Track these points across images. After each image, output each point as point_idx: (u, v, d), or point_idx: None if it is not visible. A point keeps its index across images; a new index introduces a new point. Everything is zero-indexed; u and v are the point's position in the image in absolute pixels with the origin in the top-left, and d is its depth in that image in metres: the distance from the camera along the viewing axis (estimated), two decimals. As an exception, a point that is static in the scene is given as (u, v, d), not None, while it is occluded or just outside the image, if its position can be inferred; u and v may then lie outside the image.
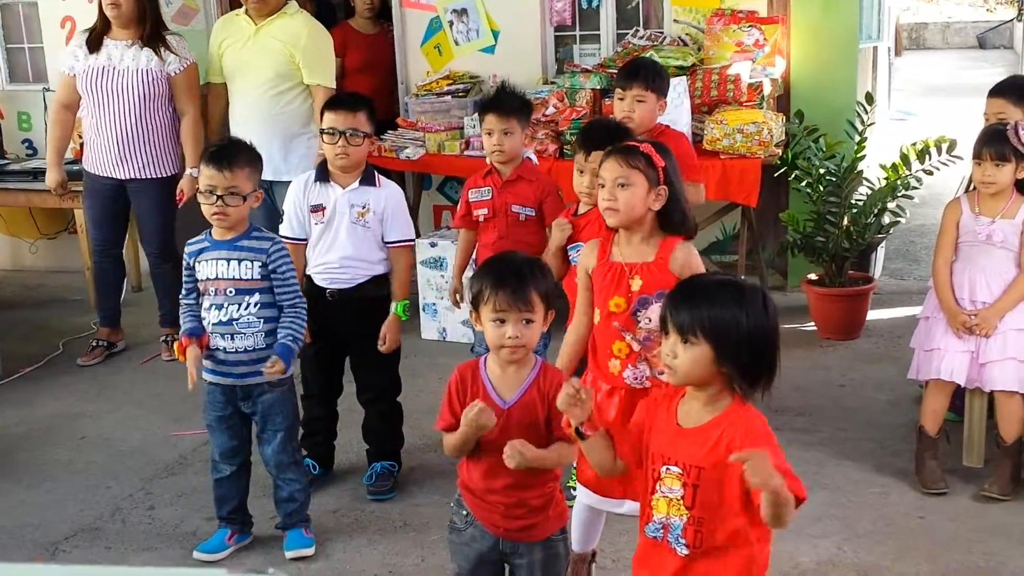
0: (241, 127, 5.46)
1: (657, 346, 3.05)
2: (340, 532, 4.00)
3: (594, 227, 3.57)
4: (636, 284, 3.13)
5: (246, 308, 3.66)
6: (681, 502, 2.38)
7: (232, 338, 3.66)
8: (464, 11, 6.62)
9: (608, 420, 3.11)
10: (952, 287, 4.08)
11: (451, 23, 6.66)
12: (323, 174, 4.12)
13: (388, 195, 4.14)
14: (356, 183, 4.09)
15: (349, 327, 4.16)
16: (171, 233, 5.61)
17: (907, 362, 4.33)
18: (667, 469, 2.41)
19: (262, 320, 3.67)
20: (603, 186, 3.11)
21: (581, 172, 3.75)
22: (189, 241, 3.77)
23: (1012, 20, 19.41)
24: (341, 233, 4.08)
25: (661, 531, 2.43)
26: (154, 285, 5.89)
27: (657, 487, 2.42)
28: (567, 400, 2.48)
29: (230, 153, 3.66)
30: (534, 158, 4.52)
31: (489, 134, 4.25)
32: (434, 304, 5.93)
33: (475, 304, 2.74)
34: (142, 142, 5.47)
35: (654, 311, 3.07)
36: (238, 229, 3.68)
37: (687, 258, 3.12)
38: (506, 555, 2.85)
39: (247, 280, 3.65)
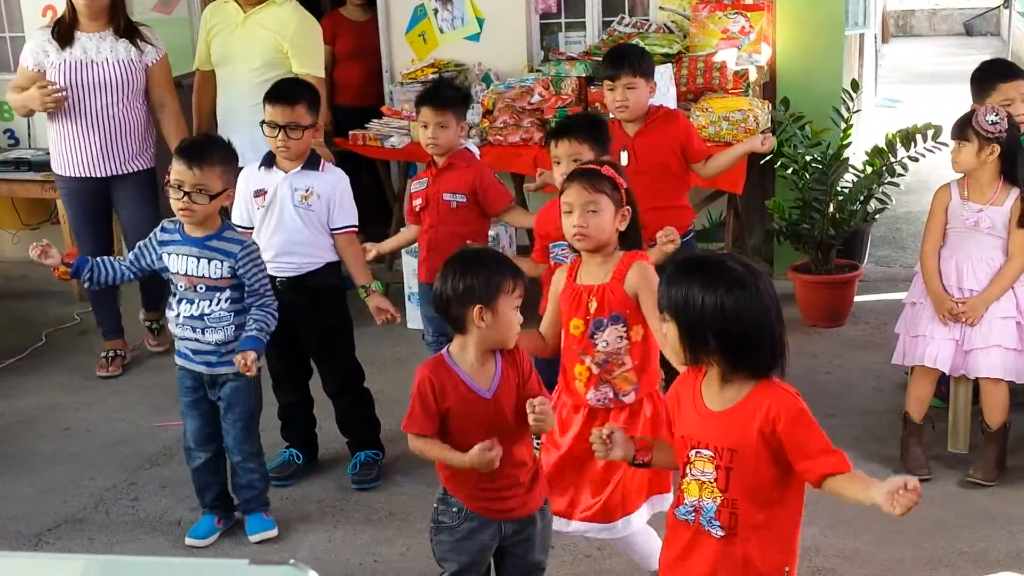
0: (228, 115, 5.42)
1: (617, 368, 3.12)
2: (325, 522, 3.99)
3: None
4: (593, 306, 3.14)
5: (217, 304, 3.69)
6: (714, 485, 2.39)
7: (203, 332, 3.70)
8: (449, -1, 6.59)
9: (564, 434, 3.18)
10: (939, 274, 4.08)
11: (436, 11, 6.63)
12: (268, 160, 4.14)
13: (336, 180, 4.15)
14: (299, 167, 4.09)
15: (300, 316, 4.10)
16: (155, 227, 5.51)
17: (892, 349, 4.34)
18: (697, 452, 2.41)
19: (233, 313, 3.71)
20: (569, 212, 3.11)
21: (558, 163, 3.75)
22: (164, 224, 3.76)
23: (998, 7, 19.42)
24: (284, 217, 4.07)
25: (693, 514, 2.44)
26: (140, 282, 5.77)
27: (687, 471, 2.43)
28: (601, 450, 2.59)
29: (202, 150, 3.64)
30: (475, 150, 4.52)
31: (425, 127, 4.25)
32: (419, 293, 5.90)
33: (487, 299, 2.72)
34: (123, 135, 5.32)
35: (610, 334, 3.11)
36: (208, 227, 3.67)
37: (641, 277, 3.10)
38: (507, 537, 2.88)
39: (217, 279, 3.67)
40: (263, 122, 4.07)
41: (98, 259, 3.83)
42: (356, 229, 4.23)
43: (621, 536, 3.25)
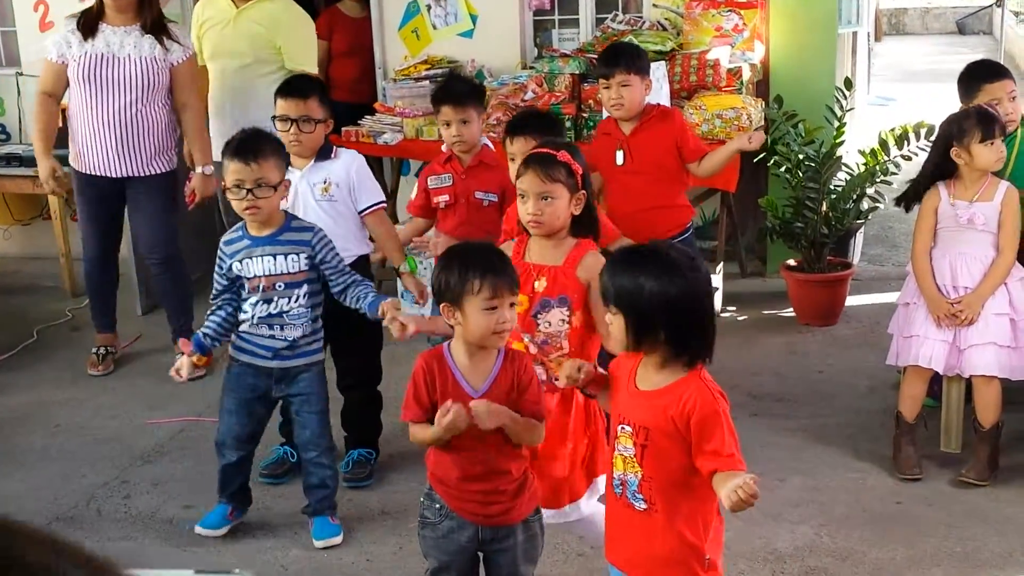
0: (219, 111, 5.39)
1: (554, 351, 3.12)
2: (317, 520, 3.98)
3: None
4: (540, 286, 3.12)
5: (296, 300, 3.65)
6: (634, 459, 2.49)
7: (282, 328, 3.66)
8: (442, -5, 6.57)
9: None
10: (933, 274, 4.08)
11: (429, 7, 6.61)
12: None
13: (347, 163, 4.10)
14: (312, 162, 4.06)
15: (328, 312, 4.05)
16: (175, 239, 5.29)
17: (885, 348, 4.34)
18: (622, 428, 2.52)
19: (310, 308, 3.69)
20: (524, 198, 3.09)
21: (512, 159, 3.77)
22: (225, 239, 3.69)
23: (991, 6, 19.45)
24: (308, 215, 4.00)
25: (620, 487, 2.54)
26: (161, 298, 5.59)
27: (616, 445, 2.53)
28: (566, 382, 2.68)
29: (255, 144, 3.57)
30: (491, 145, 4.50)
31: (447, 125, 4.20)
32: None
33: (453, 297, 2.68)
34: (143, 136, 5.09)
35: (554, 315, 3.10)
36: (275, 222, 3.62)
37: (595, 265, 3.05)
38: (485, 543, 2.84)
39: (295, 273, 3.62)
40: (275, 117, 4.03)
41: (202, 331, 3.69)
42: (383, 205, 4.18)
43: (572, 520, 3.23)
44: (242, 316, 3.69)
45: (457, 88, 4.29)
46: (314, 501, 3.82)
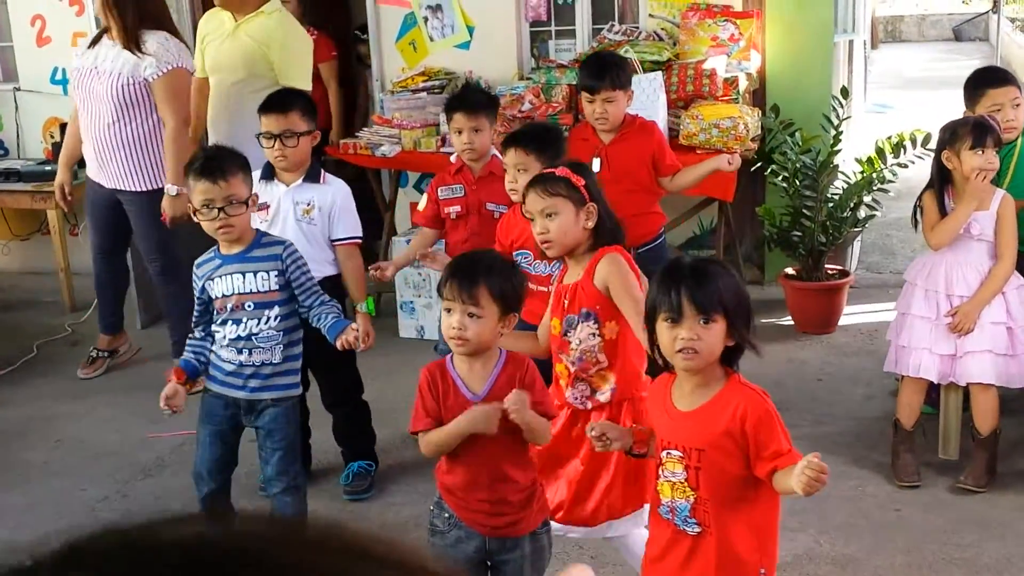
0: (213, 125, 5.40)
1: (592, 366, 3.11)
2: (318, 532, 3.98)
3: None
4: (566, 304, 3.13)
5: (266, 322, 3.53)
6: (685, 484, 2.44)
7: (250, 352, 3.53)
8: (439, 7, 6.59)
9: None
10: (927, 280, 4.10)
11: (426, 19, 6.63)
12: (268, 172, 4.08)
13: (335, 191, 4.08)
14: (300, 180, 4.04)
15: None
16: (171, 249, 5.26)
17: (883, 355, 4.35)
18: (667, 454, 2.46)
19: (282, 333, 3.55)
20: (532, 220, 3.10)
21: (505, 171, 3.80)
22: (197, 262, 3.62)
23: (987, 12, 19.50)
24: (287, 232, 4.00)
25: (669, 514, 2.50)
26: (163, 309, 5.61)
27: (660, 472, 2.48)
28: (599, 446, 2.65)
29: (220, 162, 3.51)
30: (499, 155, 4.50)
31: (459, 133, 4.21)
32: (411, 302, 5.92)
33: (440, 293, 2.77)
34: (117, 153, 5.14)
35: (582, 331, 3.10)
36: (246, 239, 3.54)
37: (610, 269, 3.06)
38: (492, 553, 2.85)
39: (265, 292, 3.52)
40: (259, 134, 4.03)
41: (189, 355, 3.62)
42: (359, 241, 4.18)
43: (606, 537, 3.25)
44: (216, 337, 3.59)
45: (471, 97, 4.33)
46: None
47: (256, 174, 4.11)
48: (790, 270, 5.80)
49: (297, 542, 0.66)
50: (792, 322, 5.75)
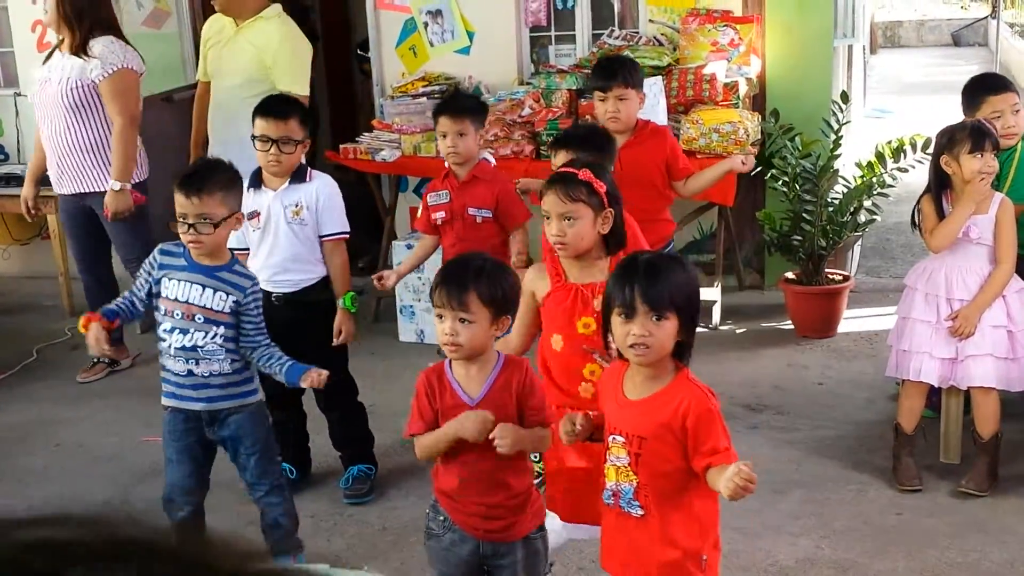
0: (212, 129, 5.43)
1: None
2: (318, 537, 3.98)
3: None
4: (599, 303, 3.07)
5: (212, 337, 3.46)
6: (629, 469, 2.52)
7: (197, 362, 3.47)
8: (439, 12, 6.60)
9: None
10: (928, 284, 4.10)
11: (426, 24, 6.63)
12: (256, 180, 4.04)
13: (319, 187, 4.06)
14: (286, 183, 4.02)
15: (295, 332, 4.01)
16: (145, 246, 5.14)
17: (884, 360, 4.35)
18: (613, 439, 2.55)
19: (225, 350, 3.49)
20: (548, 219, 3.05)
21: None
22: (163, 248, 3.55)
23: (986, 17, 19.53)
24: (280, 236, 4.01)
25: (612, 498, 2.57)
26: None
27: (607, 456, 2.56)
28: (568, 439, 2.65)
29: (200, 178, 3.43)
30: (491, 159, 4.50)
31: (444, 136, 4.20)
32: (411, 306, 5.91)
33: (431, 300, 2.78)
34: (74, 155, 5.26)
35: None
36: (218, 257, 3.48)
37: None
38: (486, 558, 2.84)
39: (218, 312, 3.46)
40: (254, 137, 4.00)
41: (117, 304, 3.55)
42: (345, 236, 4.15)
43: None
44: (160, 344, 3.52)
45: (457, 101, 4.34)
46: (272, 544, 3.62)
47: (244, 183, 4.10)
48: (790, 274, 5.80)
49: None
50: (792, 326, 5.74)
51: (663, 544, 2.52)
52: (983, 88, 4.44)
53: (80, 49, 5.19)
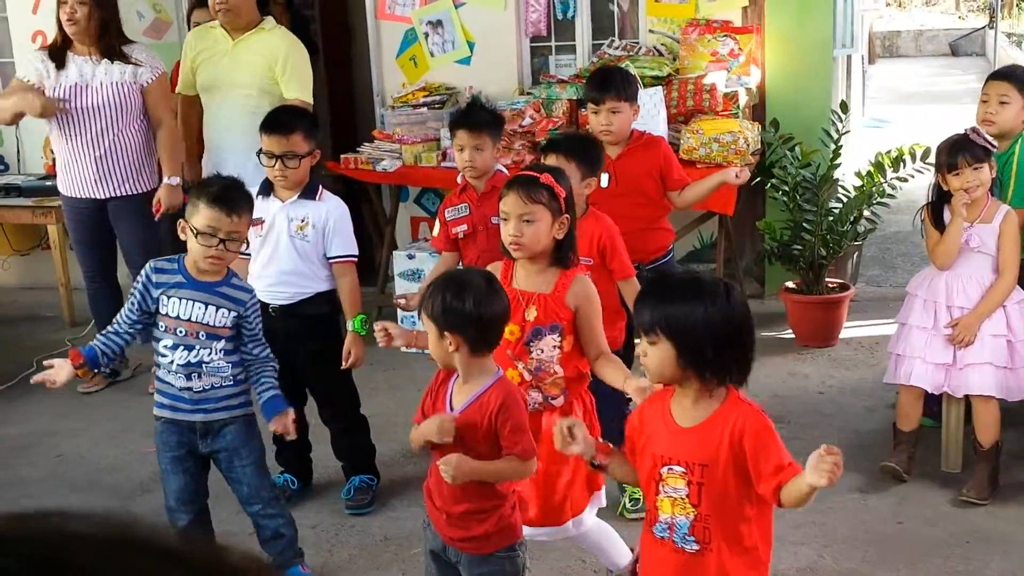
0: (219, 142, 5.41)
1: (548, 376, 3.13)
2: (320, 547, 3.98)
3: (584, 237, 3.56)
4: (531, 314, 3.11)
5: (215, 352, 3.47)
6: (686, 500, 2.42)
7: (200, 377, 3.47)
8: (439, 23, 6.62)
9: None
10: (928, 291, 4.12)
11: (426, 35, 6.65)
12: (266, 188, 4.06)
13: (330, 209, 4.06)
14: (295, 196, 4.03)
15: (294, 344, 4.03)
16: (157, 251, 5.22)
17: (884, 368, 4.36)
18: (668, 469, 2.44)
19: (229, 364, 3.50)
20: (506, 220, 3.09)
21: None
22: (157, 266, 3.51)
23: (984, 28, 19.59)
24: (280, 247, 4.01)
25: (667, 531, 2.47)
26: None
27: (660, 488, 2.46)
28: (560, 443, 2.56)
29: (236, 198, 3.44)
30: (504, 170, 4.50)
31: (460, 150, 4.20)
32: (413, 316, 5.91)
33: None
34: (120, 158, 5.32)
35: (546, 343, 3.11)
36: (220, 273, 3.49)
37: (583, 291, 3.12)
38: (461, 566, 2.87)
39: (219, 327, 3.47)
40: (259, 152, 4.02)
41: (99, 341, 3.55)
42: (354, 259, 4.15)
43: (573, 535, 3.27)
44: (160, 359, 3.49)
45: (475, 114, 4.29)
46: (274, 555, 3.60)
47: (252, 190, 4.11)
48: (791, 284, 5.81)
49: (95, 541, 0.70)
50: (793, 335, 5.75)
51: None
52: (992, 74, 4.60)
53: (118, 55, 5.27)
